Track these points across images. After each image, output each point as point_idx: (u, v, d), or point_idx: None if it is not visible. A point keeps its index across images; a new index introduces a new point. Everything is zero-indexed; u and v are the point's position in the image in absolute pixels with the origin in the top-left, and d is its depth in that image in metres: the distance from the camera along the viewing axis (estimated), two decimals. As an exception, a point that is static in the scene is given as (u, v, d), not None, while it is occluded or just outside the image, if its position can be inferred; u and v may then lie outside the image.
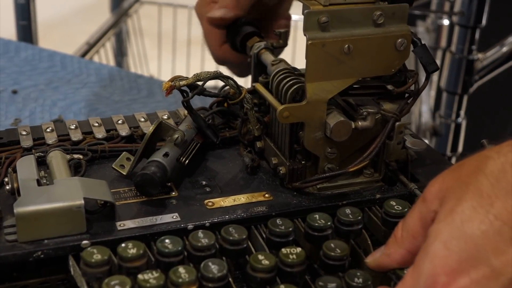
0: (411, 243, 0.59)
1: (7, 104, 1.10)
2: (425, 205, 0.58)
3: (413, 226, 0.59)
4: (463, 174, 0.56)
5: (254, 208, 0.69)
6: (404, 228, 0.60)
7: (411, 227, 0.59)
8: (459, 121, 1.58)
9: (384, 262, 0.62)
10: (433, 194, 0.57)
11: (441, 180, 0.57)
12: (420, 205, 0.58)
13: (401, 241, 0.60)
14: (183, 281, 0.59)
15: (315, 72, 0.68)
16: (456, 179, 0.56)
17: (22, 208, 0.63)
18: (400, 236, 0.60)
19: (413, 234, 0.59)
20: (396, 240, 0.60)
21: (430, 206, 0.57)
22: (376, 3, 0.69)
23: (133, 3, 2.13)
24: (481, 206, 0.53)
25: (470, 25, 1.48)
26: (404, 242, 0.60)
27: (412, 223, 0.59)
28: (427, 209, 0.57)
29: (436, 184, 0.57)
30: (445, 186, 0.57)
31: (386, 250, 0.61)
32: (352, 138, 0.71)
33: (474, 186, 0.54)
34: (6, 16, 1.90)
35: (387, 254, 0.61)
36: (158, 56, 2.26)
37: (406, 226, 0.60)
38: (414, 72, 0.73)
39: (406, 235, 0.59)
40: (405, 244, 0.60)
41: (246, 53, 0.85)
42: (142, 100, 1.14)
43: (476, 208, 0.53)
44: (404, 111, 0.72)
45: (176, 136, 0.72)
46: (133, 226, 0.66)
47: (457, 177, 0.56)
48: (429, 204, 0.57)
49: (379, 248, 0.63)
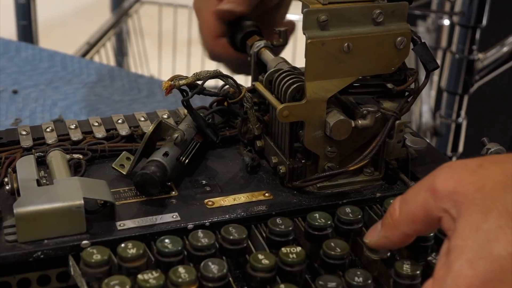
0: (410, 227, 0.58)
1: (7, 104, 1.10)
2: (434, 199, 0.55)
3: (415, 211, 0.57)
4: (487, 185, 0.54)
5: (254, 207, 0.69)
6: (403, 210, 0.58)
7: (412, 212, 0.57)
8: (459, 121, 1.58)
9: (383, 244, 0.61)
10: (445, 192, 0.55)
11: (457, 179, 0.55)
12: (427, 195, 0.56)
13: (399, 223, 0.58)
14: (183, 281, 0.59)
15: (314, 71, 0.68)
16: (478, 189, 0.54)
17: (22, 208, 0.63)
18: (398, 218, 0.58)
19: (414, 219, 0.57)
20: (393, 222, 0.59)
21: (440, 203, 0.55)
22: (376, 1, 0.69)
23: (134, 3, 2.13)
24: (508, 227, 0.51)
25: (471, 25, 1.48)
26: (402, 224, 0.58)
27: (415, 208, 0.57)
28: (436, 204, 0.55)
29: (450, 182, 0.55)
30: (463, 190, 0.54)
31: (384, 232, 0.60)
32: (352, 137, 0.71)
33: (501, 204, 0.52)
34: (7, 16, 1.90)
35: (385, 236, 0.60)
36: (158, 56, 2.26)
37: (406, 209, 0.58)
38: (414, 71, 0.72)
39: (405, 218, 0.58)
40: (403, 227, 0.58)
41: (246, 52, 0.85)
42: (142, 100, 1.14)
43: (503, 228, 0.51)
44: (404, 110, 0.72)
45: (176, 135, 0.72)
46: (133, 226, 0.66)
47: (480, 187, 0.54)
48: (439, 200, 0.55)
49: (376, 226, 0.62)
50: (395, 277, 0.61)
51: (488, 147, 0.73)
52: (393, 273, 0.62)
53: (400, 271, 0.61)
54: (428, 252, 0.66)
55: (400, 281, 0.61)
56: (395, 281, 0.61)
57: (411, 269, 0.61)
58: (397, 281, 0.61)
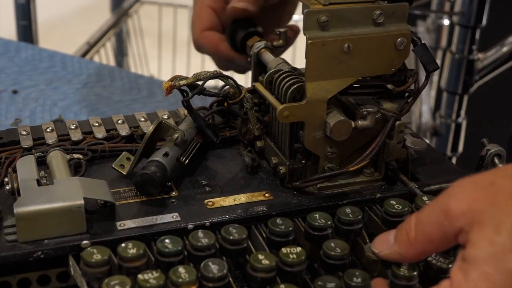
0: (427, 247, 0.59)
1: (7, 104, 1.10)
2: (448, 220, 0.56)
3: (432, 232, 0.58)
4: (499, 199, 0.55)
5: (254, 207, 0.69)
6: (419, 231, 0.59)
7: (429, 233, 0.58)
8: (459, 121, 1.58)
9: (395, 259, 0.61)
10: (459, 212, 0.56)
11: (470, 199, 0.56)
12: (441, 216, 0.57)
13: (415, 243, 0.59)
14: (183, 281, 0.59)
15: (315, 72, 0.68)
16: (491, 204, 0.55)
17: (22, 208, 0.63)
18: (414, 238, 0.59)
19: (431, 239, 0.58)
20: (409, 241, 0.59)
21: (455, 223, 0.56)
22: (376, 2, 0.69)
23: (133, 3, 2.13)
24: None
25: (471, 25, 1.48)
26: (419, 244, 0.59)
27: (431, 229, 0.58)
28: (450, 224, 0.56)
29: (464, 202, 0.56)
30: (476, 208, 0.55)
31: (399, 249, 0.60)
32: (352, 137, 0.71)
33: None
34: (7, 16, 1.90)
35: (399, 253, 0.60)
36: (158, 56, 2.26)
37: (423, 230, 0.59)
38: (414, 71, 0.72)
39: (423, 238, 0.59)
40: (420, 247, 0.59)
41: (246, 52, 0.85)
42: (142, 100, 1.14)
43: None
44: (404, 110, 0.72)
45: (176, 135, 0.72)
46: (133, 226, 0.66)
47: (492, 202, 0.55)
48: (454, 221, 0.56)
49: (386, 237, 0.62)
50: (392, 278, 0.61)
51: (488, 148, 0.73)
52: (390, 274, 0.62)
53: (397, 272, 0.61)
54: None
55: (397, 282, 0.61)
56: (392, 282, 0.61)
57: (408, 270, 0.61)
58: (394, 282, 0.61)
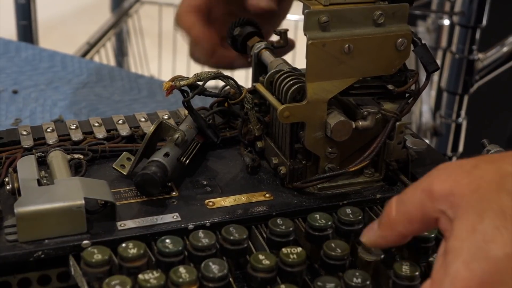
0: (406, 227, 0.58)
1: (7, 104, 1.10)
2: (430, 200, 0.56)
3: (412, 212, 0.57)
4: (482, 186, 0.54)
5: (255, 208, 0.70)
6: (399, 210, 0.58)
7: (409, 212, 0.57)
8: (459, 121, 1.58)
9: (379, 243, 0.61)
10: (442, 193, 0.55)
11: (453, 180, 0.55)
12: (423, 196, 0.56)
13: (396, 223, 0.58)
14: (184, 281, 0.59)
15: (315, 72, 0.68)
16: (473, 190, 0.54)
17: (22, 208, 0.63)
18: (394, 218, 0.58)
19: (410, 219, 0.57)
20: (390, 222, 0.59)
21: (436, 205, 0.55)
22: (377, 2, 0.69)
23: (134, 3, 2.13)
24: (505, 227, 0.51)
25: (471, 25, 1.47)
26: (399, 225, 0.58)
27: (411, 209, 0.57)
28: (432, 205, 0.55)
29: (446, 183, 0.55)
30: (459, 191, 0.54)
31: (381, 231, 0.60)
32: (352, 138, 0.71)
33: (496, 205, 0.52)
34: (7, 16, 1.90)
35: (381, 236, 0.60)
36: (158, 56, 2.26)
37: (402, 210, 0.58)
38: (414, 72, 0.73)
39: (402, 218, 0.58)
40: (400, 227, 0.58)
41: (246, 53, 0.85)
42: (142, 100, 1.14)
43: (499, 228, 0.51)
44: (404, 111, 0.72)
45: (176, 136, 0.72)
46: (134, 226, 0.66)
47: (475, 189, 0.54)
48: (436, 202, 0.55)
49: (372, 225, 0.62)
50: (394, 278, 0.61)
51: (488, 149, 0.73)
52: (392, 274, 0.62)
53: (399, 272, 0.61)
54: (429, 253, 0.66)
55: (399, 282, 0.61)
56: (394, 282, 0.62)
57: (410, 270, 0.61)
58: (396, 282, 0.61)
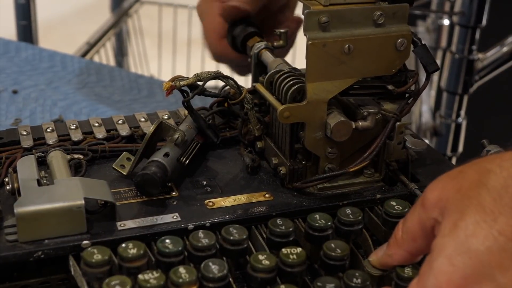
0: (411, 245, 0.60)
1: (7, 104, 1.10)
2: (424, 211, 0.58)
3: (413, 229, 0.59)
4: (464, 186, 0.55)
5: (255, 208, 0.69)
6: (404, 230, 0.60)
7: (410, 230, 0.59)
8: (459, 121, 1.58)
9: (386, 262, 0.62)
10: (432, 202, 0.57)
11: (440, 187, 0.57)
12: (420, 210, 0.58)
13: (401, 242, 0.60)
14: (184, 281, 0.59)
15: (315, 72, 0.68)
16: (457, 191, 0.56)
17: (22, 208, 0.63)
18: (400, 238, 0.60)
19: (413, 237, 0.59)
20: (396, 241, 0.61)
21: (429, 213, 0.57)
22: (377, 3, 0.69)
23: (134, 3, 2.13)
24: (484, 221, 0.52)
25: (471, 25, 1.48)
26: (404, 243, 0.60)
27: (412, 226, 0.59)
28: (426, 215, 0.58)
29: (436, 191, 0.57)
30: (445, 195, 0.56)
31: (388, 250, 0.62)
32: (352, 138, 0.71)
33: (476, 200, 0.54)
34: (6, 16, 1.90)
35: (388, 254, 0.62)
36: (158, 56, 2.25)
37: (406, 228, 0.60)
38: (414, 72, 0.73)
39: (406, 237, 0.60)
40: (405, 246, 0.60)
41: (246, 53, 0.85)
42: (142, 100, 1.14)
43: (479, 223, 0.53)
44: (404, 111, 0.72)
45: (176, 136, 0.72)
46: (134, 226, 0.66)
47: (458, 189, 0.56)
48: (428, 211, 0.57)
49: (382, 247, 0.64)
50: (397, 280, 0.61)
51: (488, 149, 0.73)
52: (394, 276, 0.62)
53: (401, 274, 0.61)
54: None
55: (402, 284, 0.61)
56: (396, 284, 0.62)
57: (412, 272, 0.61)
58: (399, 284, 0.61)
